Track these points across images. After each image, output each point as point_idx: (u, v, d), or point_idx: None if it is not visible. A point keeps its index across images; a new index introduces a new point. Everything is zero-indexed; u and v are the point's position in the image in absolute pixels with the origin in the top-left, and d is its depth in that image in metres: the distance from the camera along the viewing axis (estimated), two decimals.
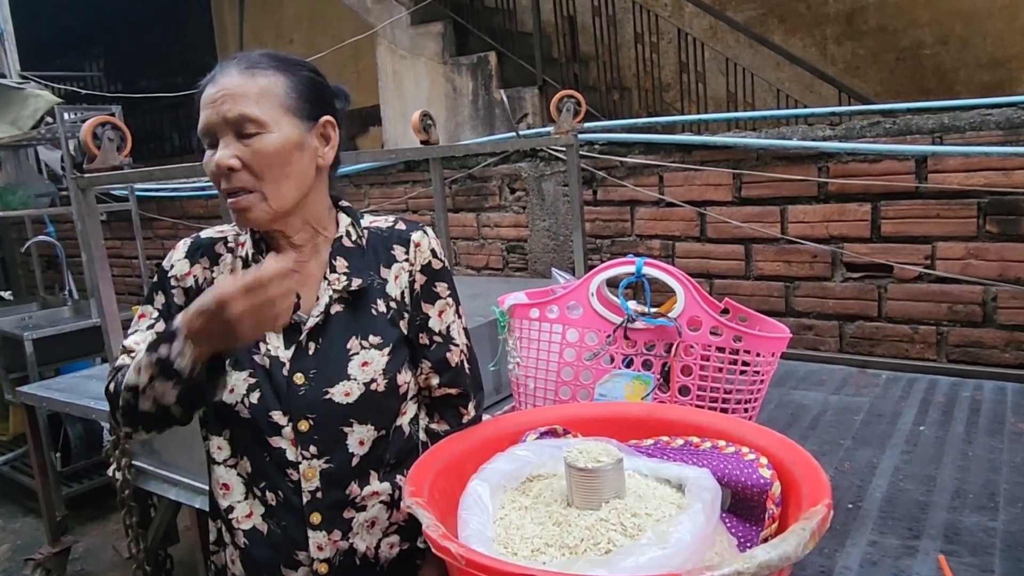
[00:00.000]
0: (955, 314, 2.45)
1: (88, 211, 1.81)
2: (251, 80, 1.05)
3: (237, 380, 1.10)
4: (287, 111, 1.06)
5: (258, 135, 1.03)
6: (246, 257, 1.15)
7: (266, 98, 1.05)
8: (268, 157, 1.04)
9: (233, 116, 1.02)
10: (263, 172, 1.04)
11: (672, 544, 0.86)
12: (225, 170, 1.03)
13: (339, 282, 1.14)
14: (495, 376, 2.04)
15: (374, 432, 1.15)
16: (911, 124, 2.46)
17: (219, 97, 1.03)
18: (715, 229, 2.86)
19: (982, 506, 1.40)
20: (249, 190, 1.04)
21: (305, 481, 1.11)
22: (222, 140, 1.04)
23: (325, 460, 1.12)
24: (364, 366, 1.13)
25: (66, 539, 3.02)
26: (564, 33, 5.02)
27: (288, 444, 1.11)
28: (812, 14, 5.22)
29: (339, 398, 1.11)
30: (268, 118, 1.04)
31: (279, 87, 1.07)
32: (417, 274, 1.20)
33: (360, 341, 1.14)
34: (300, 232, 1.13)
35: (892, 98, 4.73)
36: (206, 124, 1.04)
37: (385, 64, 5.52)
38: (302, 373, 1.11)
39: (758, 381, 1.51)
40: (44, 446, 3.05)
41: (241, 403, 1.10)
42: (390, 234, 1.21)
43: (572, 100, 2.75)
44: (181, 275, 1.16)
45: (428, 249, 1.20)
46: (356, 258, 1.17)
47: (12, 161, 4.91)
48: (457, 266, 3.64)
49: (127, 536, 2.17)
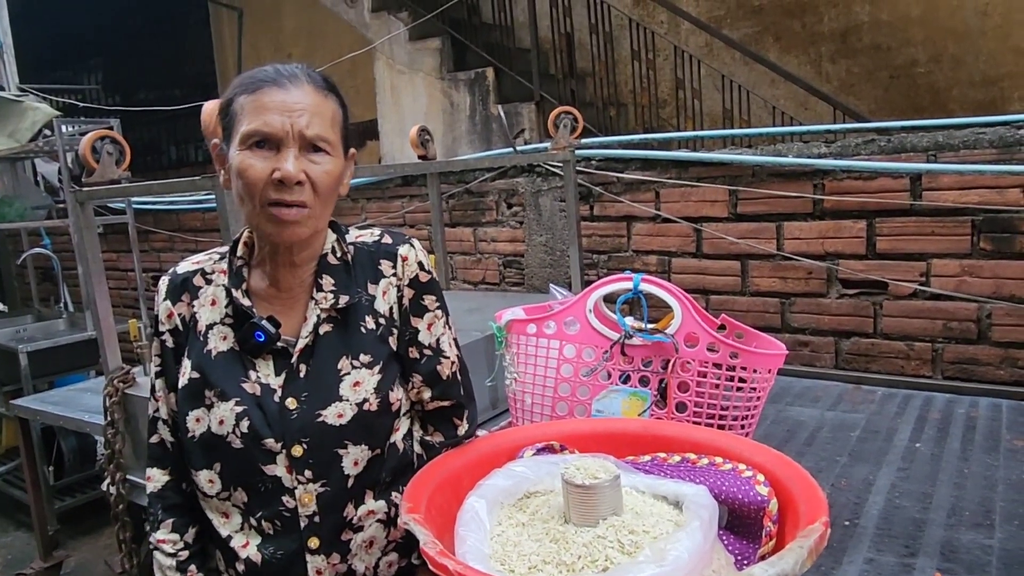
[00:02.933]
0: (950, 331, 2.46)
1: (86, 224, 1.81)
2: (325, 101, 1.07)
3: (225, 411, 1.08)
4: (342, 139, 1.10)
5: (328, 157, 1.06)
6: (226, 286, 1.13)
7: (336, 123, 1.08)
8: (331, 180, 1.06)
9: (312, 133, 1.03)
10: (322, 193, 1.06)
11: (670, 562, 0.86)
12: (293, 182, 1.02)
13: (326, 300, 1.12)
14: (492, 391, 2.04)
15: (368, 452, 1.13)
16: (906, 142, 2.48)
17: (299, 108, 1.03)
18: (711, 245, 2.88)
19: (978, 523, 1.41)
20: (306, 206, 1.04)
21: (302, 507, 1.10)
22: (287, 150, 1.03)
23: (321, 484, 1.10)
24: (356, 386, 1.11)
25: (58, 554, 2.99)
26: (561, 49, 5.06)
27: (283, 471, 1.09)
28: (807, 32, 5.27)
29: (332, 420, 1.09)
30: (336, 142, 1.07)
31: (340, 116, 1.10)
32: (405, 288, 1.18)
33: (351, 361, 1.12)
34: (306, 251, 1.13)
35: (886, 116, 4.77)
36: (271, 128, 1.02)
37: (383, 79, 5.55)
38: (294, 397, 1.09)
39: (755, 397, 1.52)
40: (37, 459, 3.02)
41: (232, 433, 1.08)
42: (376, 248, 1.19)
43: (569, 116, 2.77)
44: (165, 318, 1.16)
45: (415, 262, 1.19)
46: (342, 275, 1.15)
47: (9, 173, 4.90)
48: (453, 280, 3.64)
49: (120, 551, 2.15)
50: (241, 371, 1.10)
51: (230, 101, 1.07)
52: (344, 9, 5.61)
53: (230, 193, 1.11)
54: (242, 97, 1.05)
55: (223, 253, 1.18)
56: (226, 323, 1.12)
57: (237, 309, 1.12)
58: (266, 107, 1.03)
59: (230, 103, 1.07)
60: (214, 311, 1.13)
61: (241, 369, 1.10)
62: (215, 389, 1.09)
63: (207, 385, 1.10)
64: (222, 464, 1.10)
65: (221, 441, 1.08)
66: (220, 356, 1.11)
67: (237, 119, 1.05)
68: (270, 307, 1.13)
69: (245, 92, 1.05)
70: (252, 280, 1.15)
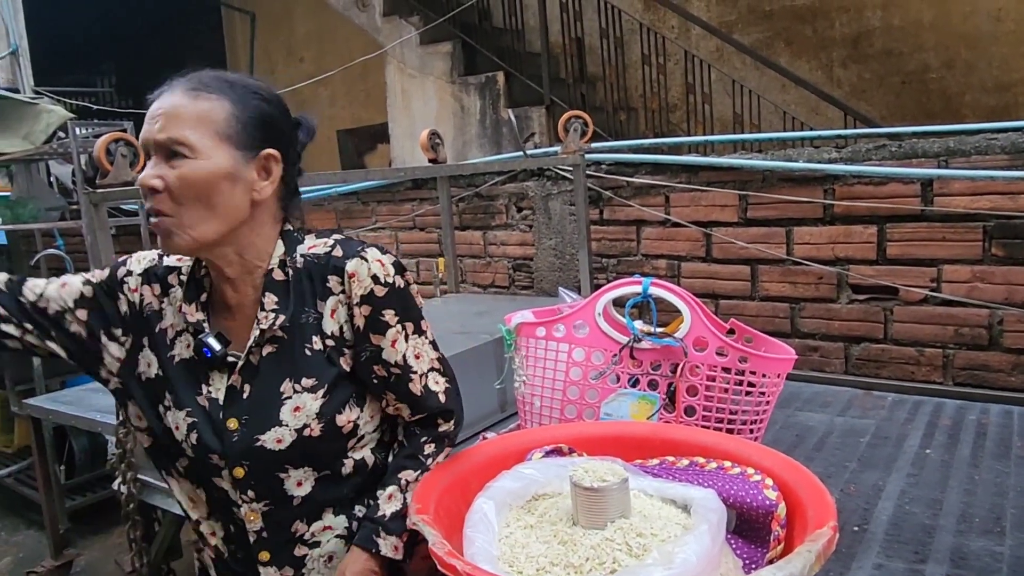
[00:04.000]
0: (961, 337, 2.45)
1: (100, 225, 1.83)
2: (192, 102, 1.01)
3: (178, 418, 1.07)
4: (224, 139, 1.01)
5: (186, 160, 0.99)
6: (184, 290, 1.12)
7: (203, 124, 1.00)
8: (191, 185, 0.99)
9: (163, 138, 0.99)
10: (183, 199, 0.99)
11: (678, 564, 0.86)
12: (147, 190, 0.99)
13: (267, 320, 1.07)
14: (500, 394, 2.04)
15: (314, 474, 1.10)
16: (917, 147, 2.48)
17: (157, 115, 1.00)
18: (721, 249, 2.87)
19: (988, 530, 1.40)
20: (167, 215, 1.00)
21: (248, 523, 1.09)
22: (152, 158, 1.01)
23: (264, 503, 1.08)
24: (296, 411, 1.06)
25: (68, 552, 3.01)
26: (572, 54, 5.07)
27: (229, 486, 1.08)
28: (818, 37, 5.26)
29: (271, 445, 1.05)
30: (200, 144, 0.99)
31: (220, 113, 1.01)
32: (356, 308, 1.08)
33: (293, 384, 1.07)
34: (232, 265, 1.08)
35: (898, 121, 4.76)
36: (141, 139, 1.02)
37: (394, 83, 5.57)
38: (235, 418, 1.06)
39: (764, 402, 1.52)
40: (49, 458, 3.05)
41: (184, 442, 1.08)
42: (326, 262, 1.10)
43: (579, 120, 2.77)
44: (132, 288, 1.13)
45: (368, 277, 1.08)
46: (285, 292, 1.09)
47: (24, 175, 4.95)
48: (463, 283, 3.65)
49: (131, 550, 2.16)
50: (196, 383, 1.09)
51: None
52: (356, 13, 5.65)
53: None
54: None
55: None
56: (189, 331, 1.11)
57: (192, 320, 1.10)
58: (145, 119, 1.03)
59: None
60: (180, 317, 1.11)
61: (196, 381, 1.09)
62: (172, 396, 1.09)
63: (167, 388, 1.09)
64: (185, 462, 1.11)
65: (179, 445, 1.09)
66: (181, 363, 1.10)
67: None
68: (224, 322, 1.11)
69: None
70: (211, 292, 1.13)
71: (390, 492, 1.13)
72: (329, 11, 6.24)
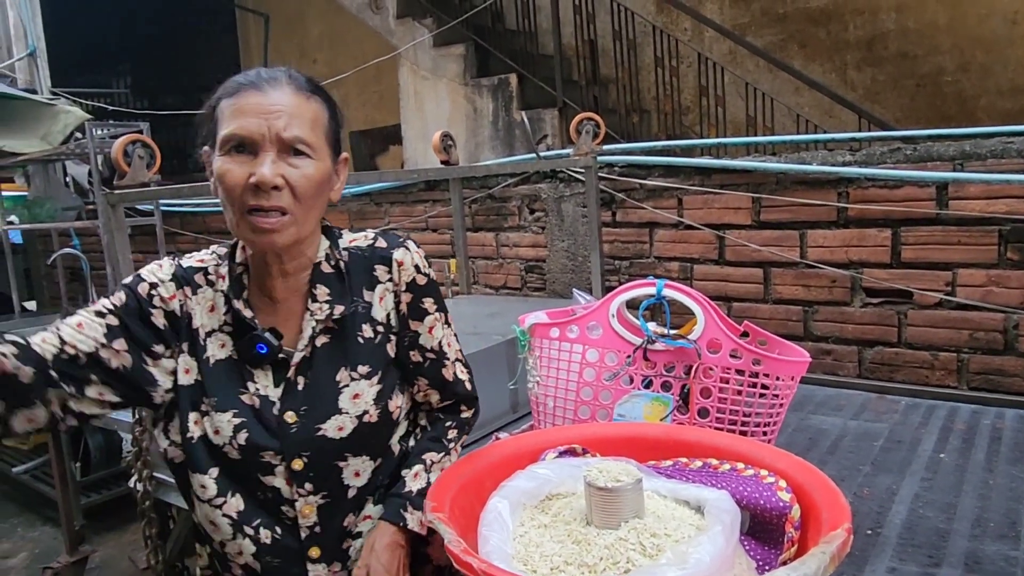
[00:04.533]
0: (976, 341, 2.44)
1: (117, 226, 1.84)
2: (306, 103, 1.03)
3: (221, 422, 1.06)
4: (327, 142, 1.06)
5: (308, 160, 1.02)
6: (226, 293, 1.10)
7: (317, 125, 1.04)
8: (313, 184, 1.03)
9: (290, 135, 1.00)
10: (303, 197, 1.02)
11: (691, 565, 0.87)
12: (269, 187, 0.99)
13: (321, 311, 1.10)
14: (513, 395, 2.05)
15: (371, 463, 1.13)
16: (932, 151, 2.47)
17: (276, 110, 1.00)
18: (734, 252, 2.87)
19: (1003, 535, 1.39)
20: (285, 212, 1.01)
21: (302, 518, 1.09)
22: (264, 154, 0.99)
23: (322, 496, 1.09)
24: (355, 398, 1.10)
25: (83, 549, 3.03)
26: (584, 56, 5.08)
27: (282, 482, 1.08)
28: (832, 40, 5.24)
29: (332, 433, 1.08)
30: (317, 145, 1.03)
31: (324, 116, 1.06)
32: (402, 294, 1.16)
33: (349, 372, 1.10)
34: (296, 259, 1.10)
35: (912, 125, 4.73)
36: (248, 132, 0.99)
37: (407, 84, 5.59)
38: (293, 411, 1.07)
39: (777, 404, 1.51)
40: (65, 456, 3.08)
41: (229, 444, 1.06)
42: (371, 254, 1.16)
43: (592, 122, 2.78)
44: (168, 296, 1.09)
45: (412, 266, 1.16)
46: (336, 284, 1.12)
47: (41, 175, 5.00)
48: (475, 285, 3.66)
49: (146, 547, 2.18)
50: (239, 381, 1.08)
51: (213, 106, 1.04)
52: (369, 15, 5.67)
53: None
54: (224, 101, 1.03)
55: (222, 255, 1.15)
56: (224, 331, 1.10)
57: (237, 318, 1.09)
58: (244, 110, 1.00)
59: (214, 108, 1.04)
60: (213, 317, 1.11)
61: (239, 379, 1.08)
62: (212, 399, 1.07)
63: (204, 392, 1.08)
64: (220, 469, 1.08)
65: (218, 449, 1.07)
66: (218, 365, 1.09)
67: (219, 124, 1.03)
68: (267, 317, 1.11)
69: (226, 96, 1.03)
70: (249, 288, 1.12)
71: (416, 471, 1.17)
72: (343, 13, 6.27)
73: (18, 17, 5.57)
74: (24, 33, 5.55)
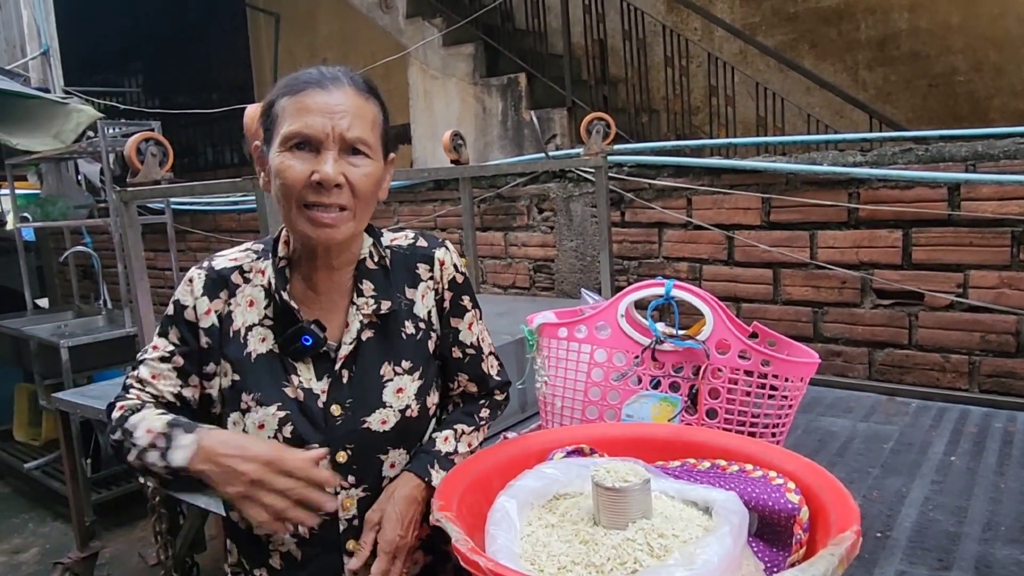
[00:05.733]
0: (988, 343, 2.42)
1: (130, 223, 1.86)
2: (366, 104, 1.06)
3: (266, 416, 1.07)
4: (381, 143, 1.09)
5: (367, 159, 1.05)
6: (268, 286, 1.12)
7: (375, 126, 1.08)
8: (372, 183, 1.06)
9: (353, 136, 1.03)
10: (361, 195, 1.05)
11: (699, 565, 0.86)
12: (332, 185, 1.01)
13: (368, 306, 1.13)
14: (521, 394, 2.05)
15: (406, 456, 1.16)
16: (944, 151, 2.45)
17: (340, 110, 1.02)
18: (743, 253, 2.86)
19: (1014, 539, 1.38)
20: (344, 209, 1.04)
21: (343, 511, 1.11)
22: (327, 152, 1.02)
23: (363, 488, 1.12)
24: (399, 393, 1.13)
25: (94, 544, 3.05)
26: (594, 56, 5.07)
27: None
28: (844, 40, 5.22)
29: (376, 427, 1.11)
30: (375, 145, 1.07)
31: (380, 119, 1.09)
32: (444, 292, 1.20)
33: (393, 367, 1.14)
34: (345, 254, 1.13)
35: (924, 125, 4.71)
36: (312, 130, 1.01)
37: (416, 84, 5.60)
38: (338, 404, 1.10)
39: (786, 406, 1.51)
40: (76, 452, 3.10)
41: (273, 438, 1.07)
42: (412, 252, 1.20)
43: (601, 122, 2.77)
44: (201, 315, 1.11)
45: (451, 265, 1.22)
46: (381, 280, 1.15)
47: (53, 173, 5.04)
48: (483, 284, 3.66)
49: (156, 543, 2.20)
50: (282, 375, 1.10)
51: (272, 103, 1.07)
52: (379, 15, 5.68)
53: (270, 195, 1.10)
54: (284, 99, 1.05)
55: (258, 251, 1.16)
56: (265, 324, 1.11)
57: (279, 311, 1.10)
58: (308, 109, 1.02)
59: (272, 105, 1.07)
60: (252, 312, 1.12)
61: (282, 373, 1.10)
62: (253, 393, 1.08)
63: (245, 388, 1.09)
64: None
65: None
66: (259, 359, 1.10)
67: (278, 121, 1.05)
68: (310, 310, 1.13)
69: (287, 94, 1.05)
70: (292, 282, 1.14)
71: (446, 435, 1.20)
72: (353, 13, 6.29)
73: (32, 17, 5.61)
74: (38, 32, 5.59)
